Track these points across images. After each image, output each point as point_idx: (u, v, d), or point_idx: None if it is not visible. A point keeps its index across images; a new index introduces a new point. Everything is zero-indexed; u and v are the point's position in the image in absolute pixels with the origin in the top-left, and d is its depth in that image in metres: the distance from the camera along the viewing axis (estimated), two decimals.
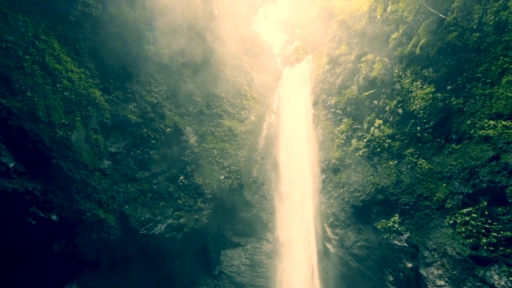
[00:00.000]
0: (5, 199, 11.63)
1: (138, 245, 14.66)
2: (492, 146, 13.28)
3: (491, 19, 13.39)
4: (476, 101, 14.35)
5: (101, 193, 13.87)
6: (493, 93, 13.56)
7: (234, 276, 15.75)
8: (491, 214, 12.77)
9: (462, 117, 14.86)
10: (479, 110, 14.10)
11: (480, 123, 13.84)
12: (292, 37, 31.72)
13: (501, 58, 13.28)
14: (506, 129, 12.76)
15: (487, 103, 13.99)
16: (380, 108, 17.37)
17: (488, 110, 13.78)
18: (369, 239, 16.32)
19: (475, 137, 13.83)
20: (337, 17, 21.76)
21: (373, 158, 17.15)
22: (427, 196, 15.15)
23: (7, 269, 11.77)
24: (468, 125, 14.21)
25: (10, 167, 12.61)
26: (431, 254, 14.63)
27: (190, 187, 16.07)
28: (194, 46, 17.37)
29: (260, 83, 22.92)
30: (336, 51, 21.33)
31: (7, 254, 12.02)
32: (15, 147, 12.53)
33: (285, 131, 21.85)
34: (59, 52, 14.94)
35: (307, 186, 19.34)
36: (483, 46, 13.74)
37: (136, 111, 15.34)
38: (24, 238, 12.23)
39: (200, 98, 18.45)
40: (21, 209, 12.16)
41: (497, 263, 12.27)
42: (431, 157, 15.54)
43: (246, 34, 23.12)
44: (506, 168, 12.52)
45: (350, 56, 20.11)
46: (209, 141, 18.01)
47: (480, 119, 13.95)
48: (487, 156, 13.16)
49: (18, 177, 12.82)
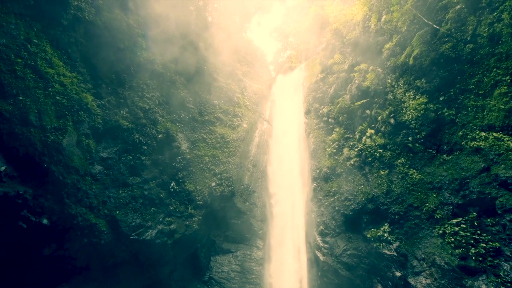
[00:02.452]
0: None
1: (128, 250, 14.44)
2: (483, 157, 13.20)
3: (485, 30, 13.17)
4: (468, 112, 14.20)
5: (92, 198, 13.64)
6: (485, 104, 13.87)
7: (224, 282, 15.68)
8: (480, 225, 12.71)
9: (454, 128, 14.70)
10: (471, 121, 13.97)
11: (471, 135, 13.72)
12: (285, 45, 31.55)
13: (494, 70, 13.34)
14: (497, 141, 12.80)
15: (479, 114, 13.83)
16: (372, 118, 17.23)
17: (480, 122, 13.65)
18: (359, 248, 16.25)
19: (467, 148, 13.74)
20: (331, 26, 21.59)
21: (364, 167, 17.02)
22: (417, 206, 15.03)
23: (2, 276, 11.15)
24: (460, 136, 14.08)
25: (1, 170, 12.46)
26: (420, 263, 14.49)
27: (181, 194, 15.91)
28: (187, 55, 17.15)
29: (253, 91, 22.74)
30: (329, 60, 21.16)
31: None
32: (6, 150, 12.73)
33: (277, 139, 21.74)
34: (51, 56, 14.64)
35: (298, 194, 19.23)
36: (476, 58, 13.81)
37: (128, 116, 15.11)
38: (14, 242, 12.51)
39: (192, 105, 18.25)
40: (12, 212, 12.44)
41: (485, 274, 12.20)
42: (422, 168, 15.42)
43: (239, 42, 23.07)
44: (496, 180, 12.52)
45: (343, 65, 19.95)
46: (201, 148, 17.84)
47: (472, 131, 13.82)
48: (478, 167, 13.31)
49: (9, 181, 12.60)
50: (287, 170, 21.18)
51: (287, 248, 18.53)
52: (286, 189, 20.60)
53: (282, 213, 19.84)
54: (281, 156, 21.80)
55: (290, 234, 19.05)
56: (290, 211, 19.75)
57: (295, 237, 18.90)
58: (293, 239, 18.88)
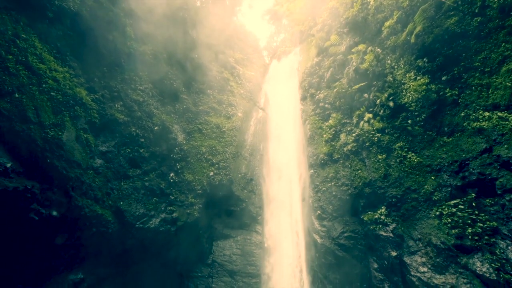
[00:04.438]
0: (7, 197, 12.25)
1: (135, 238, 15.16)
2: (485, 138, 12.92)
3: (495, 1, 11.95)
4: (472, 92, 13.65)
5: (96, 190, 14.03)
6: (491, 83, 13.74)
7: (226, 264, 16.56)
8: (479, 206, 12.90)
9: (456, 109, 14.19)
10: (475, 101, 13.47)
11: (474, 115, 13.37)
12: (279, 29, 30.06)
13: (502, 44, 12.59)
14: (501, 121, 12.44)
15: (483, 93, 13.29)
16: (371, 102, 16.71)
17: (484, 101, 13.17)
18: (356, 230, 16.59)
19: (468, 129, 13.44)
20: (327, 4, 20.30)
21: (362, 152, 16.82)
22: (415, 189, 15.00)
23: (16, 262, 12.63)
24: (462, 117, 13.70)
25: (8, 166, 12.89)
26: (416, 243, 14.75)
27: (181, 184, 16.26)
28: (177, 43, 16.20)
29: (247, 79, 22.15)
30: (325, 42, 20.18)
31: (14, 249, 12.68)
32: (9, 148, 12.99)
33: (272, 127, 21.58)
34: (41, 51, 14.41)
35: (295, 181, 19.40)
36: (484, 32, 13.39)
37: (123, 110, 15.06)
38: (29, 233, 13.00)
39: (186, 95, 18.01)
40: (23, 206, 12.81)
41: (481, 252, 12.53)
42: (421, 151, 15.11)
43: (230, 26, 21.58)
44: (498, 161, 12.32)
45: (340, 47, 18.98)
46: (197, 138, 17.86)
47: (475, 111, 13.41)
48: (479, 148, 13.41)
49: (16, 176, 13.13)
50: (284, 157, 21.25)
51: (286, 232, 19.15)
52: (284, 176, 20.83)
53: (280, 199, 20.29)
54: (278, 144, 21.76)
55: (288, 219, 19.57)
56: (288, 197, 20.13)
57: (293, 222, 19.45)
58: (291, 223, 19.43)
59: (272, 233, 19.45)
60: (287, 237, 19.23)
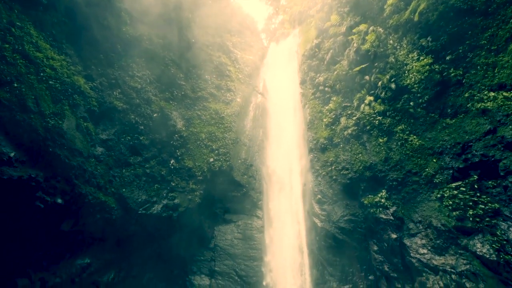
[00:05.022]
0: (13, 186, 12.50)
1: (138, 224, 15.48)
2: (489, 119, 12.70)
3: None
4: (477, 71, 13.26)
5: (98, 178, 14.24)
6: (497, 61, 13.32)
7: (228, 248, 17.02)
8: (481, 188, 12.85)
9: (460, 90, 13.86)
10: (480, 81, 13.12)
11: (479, 96, 13.08)
12: (277, 9, 29.12)
13: (511, 21, 12.19)
14: (506, 101, 12.19)
15: (489, 73, 12.92)
16: (372, 84, 16.37)
17: (490, 81, 12.84)
18: (356, 214, 16.73)
19: (472, 110, 13.21)
20: None
21: (362, 136, 16.69)
22: (416, 172, 14.88)
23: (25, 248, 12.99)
24: (466, 98, 13.40)
25: (11, 156, 13.12)
26: (416, 226, 14.81)
27: (182, 170, 16.46)
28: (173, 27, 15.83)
29: (245, 63, 21.79)
30: (325, 22, 19.66)
31: (24, 235, 12.98)
32: (12, 137, 13.11)
33: (272, 112, 21.46)
34: (37, 39, 14.32)
35: (295, 166, 19.55)
36: (491, 8, 12.81)
37: (122, 97, 15.08)
38: (36, 219, 13.29)
39: (184, 81, 17.89)
40: (28, 194, 13.06)
41: (481, 233, 12.59)
42: (423, 133, 14.89)
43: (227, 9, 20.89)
44: (502, 142, 12.21)
45: (340, 27, 18.46)
46: (196, 125, 17.86)
47: (480, 91, 13.09)
48: (483, 130, 13.04)
49: (20, 166, 13.38)
50: (284, 142, 21.21)
51: (286, 216, 19.46)
52: (283, 161, 20.90)
53: (280, 184, 20.51)
54: (277, 129, 21.69)
55: (289, 203, 19.81)
56: (288, 182, 20.29)
57: (293, 206, 19.70)
58: (291, 208, 19.68)
59: (273, 217, 19.76)
60: (287, 221, 19.58)
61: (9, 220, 12.55)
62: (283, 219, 19.33)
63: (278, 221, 19.39)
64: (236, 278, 17.55)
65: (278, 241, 18.82)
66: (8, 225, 12.48)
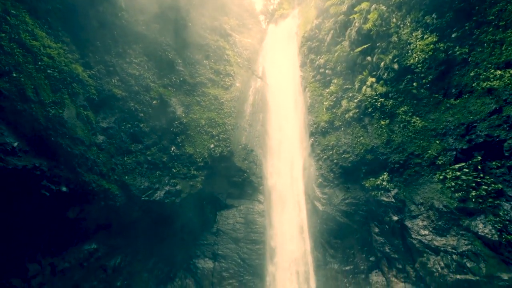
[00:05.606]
0: (18, 175, 12.77)
1: (141, 210, 15.77)
2: (495, 98, 12.44)
3: None
4: (484, 49, 12.90)
5: (101, 166, 14.44)
6: (505, 38, 13.40)
7: (231, 232, 17.44)
8: (484, 168, 12.77)
9: (465, 69, 13.51)
10: (486, 59, 12.80)
11: (485, 74, 12.77)
12: None
13: None
14: None
15: (496, 50, 12.57)
16: (374, 65, 16.03)
17: (496, 59, 12.48)
18: (357, 197, 16.80)
19: (478, 90, 12.94)
20: None
21: (364, 119, 16.53)
22: (418, 154, 14.74)
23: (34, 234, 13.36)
24: (471, 77, 13.09)
25: (15, 146, 13.36)
26: (418, 207, 14.83)
27: (183, 157, 16.62)
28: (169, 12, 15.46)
29: (243, 46, 21.45)
30: (326, 1, 19.38)
31: (32, 222, 13.32)
32: (14, 127, 13.23)
33: (272, 96, 21.32)
34: (33, 27, 14.23)
35: (296, 150, 19.49)
36: None
37: (120, 85, 15.08)
38: (43, 207, 13.54)
39: (182, 67, 17.72)
40: (33, 183, 13.37)
41: (484, 214, 12.61)
42: (426, 115, 14.67)
43: None
44: (507, 121, 12.06)
45: (341, 6, 17.97)
46: (195, 111, 17.85)
47: (486, 70, 12.75)
48: (488, 109, 12.83)
49: (24, 155, 13.61)
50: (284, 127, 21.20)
51: (287, 201, 19.71)
52: (284, 146, 20.92)
53: (281, 169, 20.72)
54: (277, 113, 21.62)
55: (290, 188, 19.99)
56: (289, 166, 20.45)
57: (295, 190, 19.89)
58: (292, 192, 19.87)
59: (274, 201, 19.98)
60: (288, 205, 19.84)
61: (18, 208, 12.94)
62: (284, 204, 19.58)
63: (279, 205, 19.68)
64: (239, 261, 18.12)
65: (279, 225, 19.14)
66: (17, 213, 12.88)
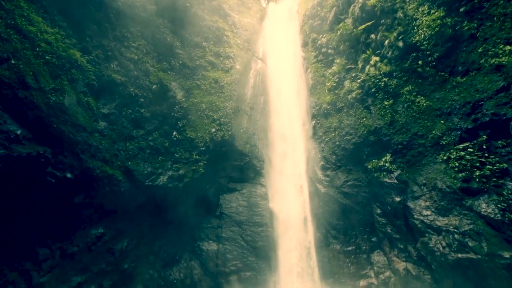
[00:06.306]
0: (23, 163, 12.99)
1: (145, 195, 16.00)
2: (503, 75, 12.17)
3: None
4: (493, 23, 12.56)
5: (104, 152, 14.56)
6: None
7: (234, 215, 17.80)
8: (489, 148, 12.54)
9: (473, 45, 13.20)
10: (495, 34, 12.50)
11: (493, 50, 12.49)
12: None
13: None
14: None
15: (506, 24, 12.32)
16: (378, 43, 15.62)
17: (506, 33, 12.28)
18: (359, 179, 16.85)
19: (485, 66, 12.65)
20: None
21: (367, 99, 16.25)
22: (422, 134, 14.61)
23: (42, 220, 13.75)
24: (479, 53, 12.79)
25: (18, 133, 13.51)
26: (421, 188, 14.85)
27: (184, 141, 16.70)
28: None
29: (243, 27, 20.92)
30: None
31: (40, 209, 13.68)
32: (16, 115, 13.35)
33: (273, 78, 20.97)
34: (28, 12, 14.04)
35: (298, 133, 19.36)
36: None
37: (119, 69, 15.03)
38: (50, 194, 13.88)
39: (181, 50, 17.46)
40: (38, 170, 13.64)
41: (487, 193, 12.53)
42: (431, 94, 14.42)
43: None
44: None
45: None
46: (196, 95, 17.71)
47: (495, 45, 12.47)
48: (495, 87, 12.61)
49: (28, 143, 13.78)
50: (286, 109, 20.94)
51: (289, 183, 19.87)
52: (286, 129, 20.79)
53: (283, 152, 20.75)
54: (279, 95, 21.40)
55: (292, 170, 20.13)
56: (291, 149, 20.46)
57: (297, 173, 20.00)
58: (294, 175, 20.01)
59: (276, 184, 20.18)
60: (290, 188, 20.11)
61: (25, 195, 13.28)
62: (287, 186, 19.78)
63: (281, 188, 19.88)
64: (242, 243, 18.59)
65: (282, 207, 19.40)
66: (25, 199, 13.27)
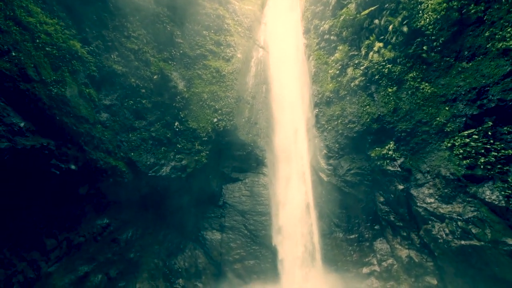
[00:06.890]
0: (27, 155, 13.10)
1: (149, 185, 16.13)
2: (510, 60, 11.94)
3: None
4: (501, 5, 12.36)
5: (107, 144, 14.62)
6: None
7: (237, 205, 17.95)
8: (495, 134, 12.43)
9: (480, 29, 12.97)
10: (503, 16, 12.32)
11: (500, 34, 12.37)
12: None
13: None
14: None
15: None
16: (382, 29, 15.39)
17: None
18: (362, 167, 16.83)
19: (492, 51, 12.57)
20: None
21: (371, 86, 16.10)
22: (426, 121, 14.51)
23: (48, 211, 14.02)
24: (486, 37, 12.65)
25: (21, 126, 13.63)
26: (424, 176, 14.82)
27: (186, 132, 16.72)
28: None
29: (244, 14, 20.64)
30: None
31: (46, 200, 13.97)
32: (19, 108, 13.44)
33: (274, 66, 20.73)
34: (27, 3, 14.04)
35: (300, 122, 19.29)
36: None
37: (120, 60, 14.95)
38: (55, 185, 14.04)
39: (181, 39, 17.31)
40: (43, 162, 13.83)
41: (492, 180, 12.51)
42: (436, 80, 14.24)
43: None
44: None
45: None
46: (197, 85, 17.63)
47: (502, 28, 12.30)
48: (502, 72, 12.54)
49: (31, 135, 13.90)
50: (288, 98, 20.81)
51: (292, 173, 19.96)
52: (288, 118, 20.68)
53: (285, 141, 20.78)
54: (281, 84, 21.26)
55: (294, 160, 20.21)
56: (293, 138, 20.44)
57: (299, 162, 20.07)
58: (297, 164, 20.08)
59: (279, 173, 20.24)
60: (293, 177, 20.24)
61: (31, 187, 13.45)
62: (290, 175, 19.84)
63: (284, 177, 20.02)
64: (245, 232, 18.96)
65: (285, 197, 19.51)
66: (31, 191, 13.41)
